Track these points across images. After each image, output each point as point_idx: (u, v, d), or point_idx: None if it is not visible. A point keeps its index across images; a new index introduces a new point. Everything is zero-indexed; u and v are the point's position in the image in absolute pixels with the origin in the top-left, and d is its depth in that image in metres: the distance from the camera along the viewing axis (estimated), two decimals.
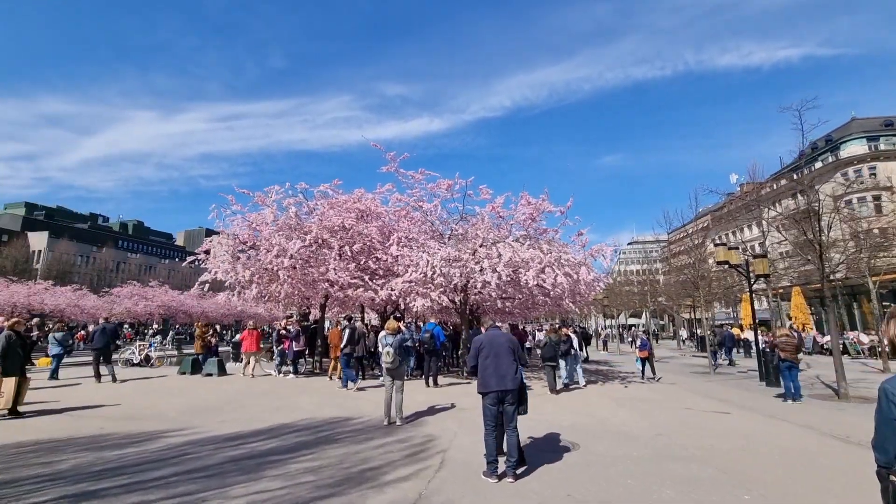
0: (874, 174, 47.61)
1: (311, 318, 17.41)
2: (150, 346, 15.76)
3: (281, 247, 11.89)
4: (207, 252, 13.31)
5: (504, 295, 13.82)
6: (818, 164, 50.62)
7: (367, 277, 12.87)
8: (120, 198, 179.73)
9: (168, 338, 41.44)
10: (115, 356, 16.22)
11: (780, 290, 36.12)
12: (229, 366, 16.59)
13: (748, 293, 20.86)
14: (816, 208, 12.03)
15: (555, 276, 10.99)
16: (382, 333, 8.06)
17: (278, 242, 11.92)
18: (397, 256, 12.65)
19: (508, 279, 11.81)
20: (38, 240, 67.95)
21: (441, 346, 11.65)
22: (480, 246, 11.70)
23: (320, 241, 12.59)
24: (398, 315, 16.96)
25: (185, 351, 19.73)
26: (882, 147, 49.80)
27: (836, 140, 54.25)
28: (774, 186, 53.99)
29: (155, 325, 52.74)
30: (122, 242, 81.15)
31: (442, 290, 12.15)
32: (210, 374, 12.86)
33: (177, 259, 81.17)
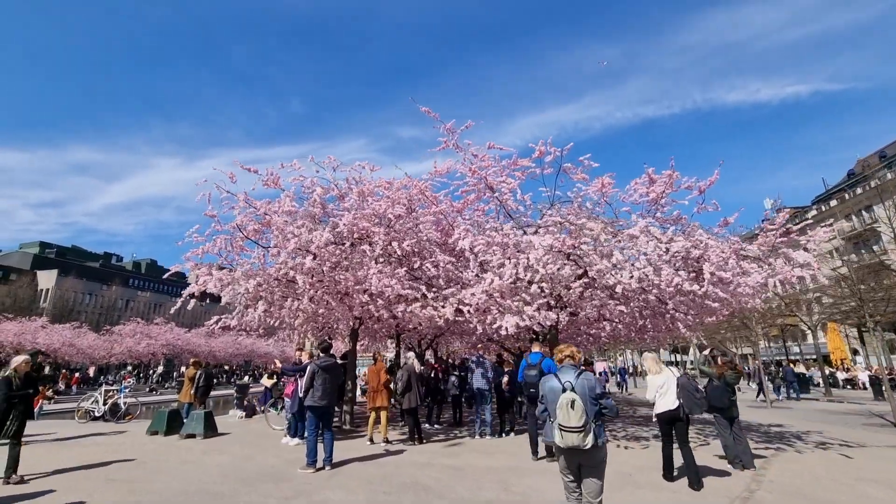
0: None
1: (337, 350, 13.14)
2: (121, 391, 11.62)
3: (300, 240, 7.97)
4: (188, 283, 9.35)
5: (608, 315, 9.61)
6: (873, 184, 46.41)
7: (423, 288, 8.78)
8: (139, 241, 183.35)
9: (151, 380, 37.39)
10: (73, 405, 12.23)
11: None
12: (226, 417, 12.37)
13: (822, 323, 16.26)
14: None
15: (752, 277, 6.81)
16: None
17: (297, 234, 8.01)
18: (470, 253, 8.59)
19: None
20: (47, 278, 65.76)
21: None
22: (608, 234, 7.62)
23: (357, 234, 8.65)
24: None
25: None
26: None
27: (892, 156, 50.18)
28: (824, 208, 49.61)
29: (160, 367, 49.00)
30: (133, 281, 78.65)
31: (542, 300, 8.01)
32: (192, 436, 8.66)
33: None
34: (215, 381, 42.61)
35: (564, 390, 3.48)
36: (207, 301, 10.93)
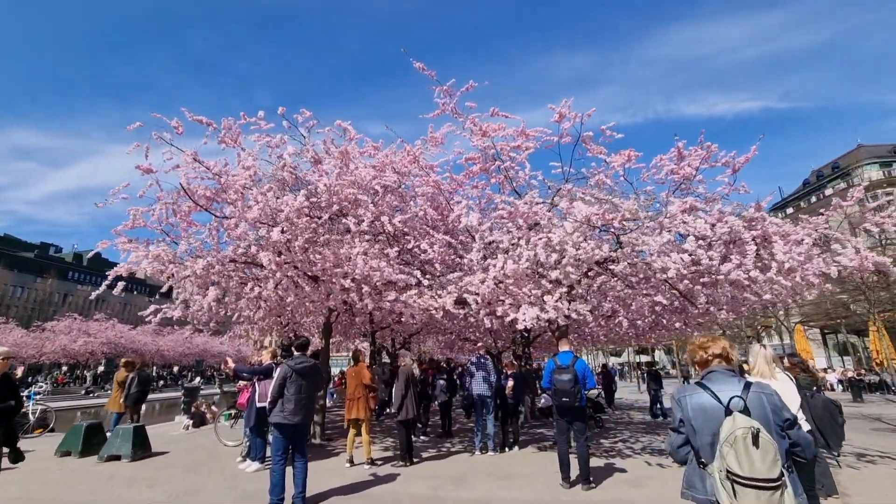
0: (890, 201, 46.39)
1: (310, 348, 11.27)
2: (30, 398, 9.36)
3: (265, 207, 6.22)
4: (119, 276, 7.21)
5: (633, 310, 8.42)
6: (828, 192, 48.76)
7: (417, 273, 7.20)
8: (85, 233, 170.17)
9: (86, 381, 34.05)
10: None
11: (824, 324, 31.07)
12: (170, 427, 10.35)
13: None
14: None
15: (816, 264, 5.68)
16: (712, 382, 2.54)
17: (262, 201, 6.25)
18: (474, 233, 7.13)
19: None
20: None
21: (587, 401, 5.87)
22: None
23: (338, 205, 6.96)
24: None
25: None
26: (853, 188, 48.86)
27: (845, 167, 52.75)
28: (781, 215, 51.68)
29: (100, 367, 44.90)
30: (73, 274, 72.33)
31: (564, 289, 6.61)
32: (116, 458, 6.73)
33: (135, 293, 72.68)
34: (161, 383, 39.00)
35: (729, 413, 2.04)
36: (157, 296, 9.02)
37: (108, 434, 7.46)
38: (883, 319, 12.38)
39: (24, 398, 9.55)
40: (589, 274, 7.44)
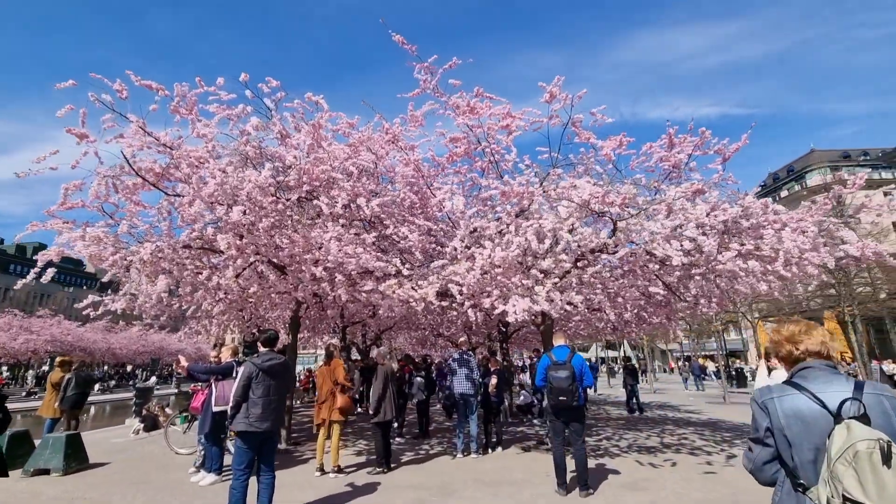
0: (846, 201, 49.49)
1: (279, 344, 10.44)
2: None
3: (223, 184, 5.43)
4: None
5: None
6: (784, 193, 51.14)
7: (396, 261, 6.56)
8: (29, 222, 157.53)
9: (27, 382, 31.76)
10: None
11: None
12: (118, 431, 9.34)
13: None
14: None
15: (820, 254, 5.43)
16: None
17: (220, 177, 5.45)
18: (460, 219, 6.57)
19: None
20: None
21: (584, 400, 5.40)
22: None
23: (309, 185, 6.22)
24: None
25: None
26: (846, 177, 51.31)
27: (800, 170, 55.21)
28: None
29: (44, 367, 42.04)
30: (15, 266, 67.24)
31: (557, 279, 6.13)
32: (45, 472, 5.81)
33: (84, 287, 68.32)
34: (113, 383, 36.57)
35: (838, 420, 1.55)
36: (108, 291, 8.03)
37: (44, 440, 6.48)
38: (851, 313, 12.65)
39: None
40: (579, 264, 7.03)
